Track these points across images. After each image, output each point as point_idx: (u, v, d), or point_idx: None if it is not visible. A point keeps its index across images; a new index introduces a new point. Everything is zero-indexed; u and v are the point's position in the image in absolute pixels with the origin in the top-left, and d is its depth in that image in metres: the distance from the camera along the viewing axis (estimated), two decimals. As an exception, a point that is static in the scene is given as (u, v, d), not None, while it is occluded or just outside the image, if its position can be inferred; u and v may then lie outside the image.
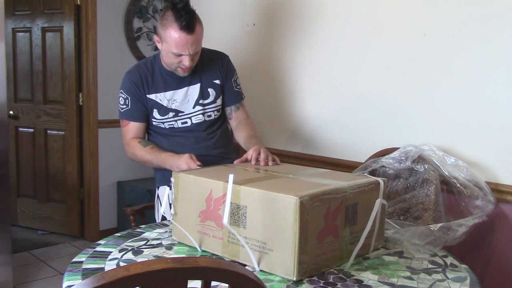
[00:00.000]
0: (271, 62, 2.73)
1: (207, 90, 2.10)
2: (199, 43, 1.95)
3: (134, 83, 2.05)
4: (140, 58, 4.17)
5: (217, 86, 2.12)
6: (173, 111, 2.06)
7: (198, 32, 1.92)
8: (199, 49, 1.97)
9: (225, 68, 2.15)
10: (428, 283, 1.32)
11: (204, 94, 2.09)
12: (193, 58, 1.97)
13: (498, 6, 1.91)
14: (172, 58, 1.96)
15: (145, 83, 2.05)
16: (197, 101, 2.08)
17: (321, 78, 2.50)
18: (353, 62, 2.38)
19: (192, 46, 1.92)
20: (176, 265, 0.83)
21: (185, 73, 2.03)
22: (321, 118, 2.51)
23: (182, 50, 1.91)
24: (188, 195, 1.52)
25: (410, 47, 2.17)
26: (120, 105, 2.08)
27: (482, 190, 1.87)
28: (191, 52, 1.92)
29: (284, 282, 1.28)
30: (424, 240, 1.59)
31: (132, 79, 2.06)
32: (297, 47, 2.60)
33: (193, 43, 1.91)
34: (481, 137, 1.98)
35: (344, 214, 1.39)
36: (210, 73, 2.11)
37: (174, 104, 2.06)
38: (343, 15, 2.40)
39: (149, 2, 4.17)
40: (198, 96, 2.08)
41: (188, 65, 1.95)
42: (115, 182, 4.12)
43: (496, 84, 1.93)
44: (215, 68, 2.13)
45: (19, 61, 4.12)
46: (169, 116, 2.06)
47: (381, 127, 2.29)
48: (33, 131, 4.13)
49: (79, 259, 1.41)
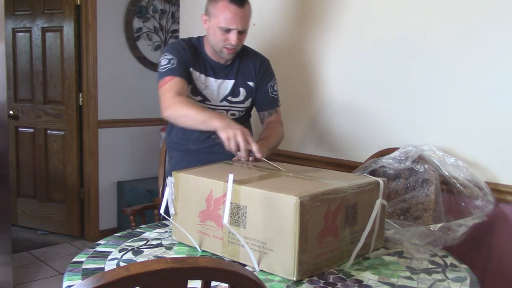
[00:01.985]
0: (271, 62, 2.73)
1: (239, 88, 2.07)
2: (247, 20, 1.94)
3: (183, 48, 2.01)
4: (140, 58, 4.17)
5: (249, 88, 2.09)
6: (202, 96, 2.04)
7: (248, 8, 1.93)
8: (246, 27, 1.95)
9: (262, 72, 2.11)
10: (428, 283, 1.32)
11: (235, 92, 2.07)
12: (240, 37, 1.95)
13: (498, 6, 1.91)
14: (219, 35, 1.93)
15: (190, 55, 2.01)
16: (226, 97, 2.06)
17: (321, 78, 2.50)
18: (353, 62, 2.38)
19: (241, 21, 1.91)
20: (176, 265, 0.83)
21: (230, 55, 1.99)
22: (321, 118, 2.51)
23: (230, 23, 1.90)
24: (188, 195, 1.52)
25: (410, 47, 2.17)
26: (163, 66, 1.96)
27: (482, 190, 1.87)
28: (239, 27, 1.91)
29: (284, 282, 1.28)
30: (424, 240, 1.59)
31: (181, 45, 2.02)
32: (297, 47, 2.60)
33: (242, 17, 1.91)
34: (481, 137, 1.98)
35: (344, 214, 1.39)
36: (246, 73, 2.09)
37: (205, 91, 2.04)
38: (343, 14, 2.40)
39: (149, 2, 4.18)
40: (228, 93, 2.06)
41: (234, 42, 1.92)
42: (115, 182, 4.12)
43: (496, 84, 1.93)
44: (252, 69, 2.10)
45: (19, 61, 4.12)
46: (196, 99, 2.04)
47: (381, 127, 2.29)
48: (33, 131, 4.13)
49: (79, 259, 1.41)
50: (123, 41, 4.07)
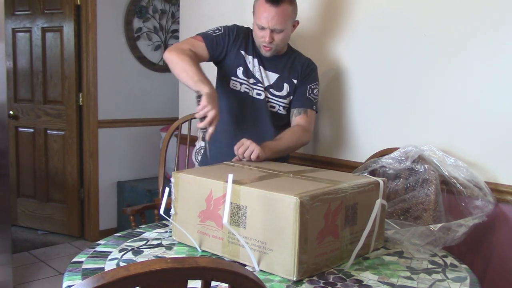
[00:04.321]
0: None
1: (283, 83, 2.11)
2: (282, 20, 1.95)
3: (235, 31, 2.08)
4: (140, 58, 4.17)
5: (293, 85, 2.12)
6: (255, 79, 2.09)
7: (284, 8, 1.94)
8: (280, 26, 1.96)
9: (307, 73, 2.14)
10: (428, 283, 1.32)
11: (279, 86, 2.11)
12: (274, 36, 1.98)
13: (498, 6, 1.91)
14: (257, 31, 2.00)
15: (243, 40, 2.09)
16: (268, 88, 2.10)
17: (321, 79, 2.50)
18: (353, 63, 2.38)
19: (273, 20, 1.93)
20: (176, 265, 0.83)
21: (267, 53, 2.05)
22: (320, 118, 2.51)
23: (263, 21, 1.95)
24: (188, 195, 1.52)
25: (409, 47, 2.17)
26: (208, 30, 2.09)
27: (482, 190, 1.87)
28: (270, 26, 1.94)
29: (284, 282, 1.28)
30: (424, 240, 1.59)
31: (237, 28, 2.11)
32: (296, 48, 2.60)
33: (275, 17, 1.93)
34: (481, 137, 1.98)
35: (344, 214, 1.39)
36: (293, 70, 2.12)
37: (258, 74, 2.08)
38: (343, 14, 2.40)
39: (149, 2, 4.18)
40: (271, 84, 2.10)
41: (267, 40, 1.97)
42: (115, 182, 4.12)
43: (496, 84, 1.93)
44: (299, 69, 2.13)
45: (19, 61, 4.12)
46: (250, 82, 2.09)
47: (381, 127, 2.29)
48: (33, 131, 4.13)
49: (79, 259, 1.41)
50: (123, 41, 4.07)
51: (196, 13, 3.04)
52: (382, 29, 2.26)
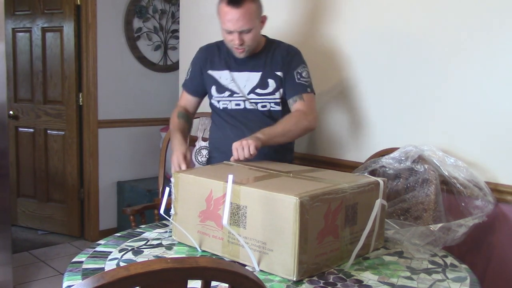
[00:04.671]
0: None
1: (267, 80, 2.04)
2: (247, 20, 1.89)
3: (200, 57, 2.12)
4: (140, 58, 4.17)
5: (278, 78, 2.04)
6: (229, 91, 2.06)
7: (246, 8, 1.87)
8: (247, 27, 1.90)
9: (289, 60, 2.05)
10: (428, 283, 1.32)
11: (264, 83, 2.04)
12: (244, 37, 1.93)
13: (498, 6, 1.91)
14: (225, 36, 1.96)
15: (209, 59, 2.09)
16: (253, 89, 2.05)
17: (320, 79, 2.50)
18: (353, 63, 2.38)
19: (238, 22, 1.88)
20: (176, 265, 0.83)
21: (241, 54, 2.00)
22: (321, 118, 2.51)
23: (229, 25, 1.90)
24: (188, 195, 1.52)
25: (409, 47, 2.17)
26: (186, 74, 2.19)
27: (482, 190, 1.87)
28: (236, 28, 1.89)
29: (284, 282, 1.28)
30: (424, 240, 1.59)
31: (200, 53, 2.15)
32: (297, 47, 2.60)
33: (239, 19, 1.87)
34: (481, 137, 1.98)
35: (344, 214, 1.39)
36: (274, 63, 2.05)
37: (231, 84, 2.06)
38: (341, 14, 2.40)
39: (149, 2, 4.17)
40: (256, 84, 2.04)
41: (237, 43, 1.93)
42: (115, 182, 4.12)
43: (495, 84, 1.93)
44: (280, 59, 2.05)
45: (19, 61, 4.12)
46: (225, 95, 2.07)
47: (381, 127, 2.29)
48: (33, 131, 4.13)
49: (79, 259, 1.41)
50: (123, 41, 4.07)
51: (196, 13, 3.04)
52: (381, 30, 2.26)
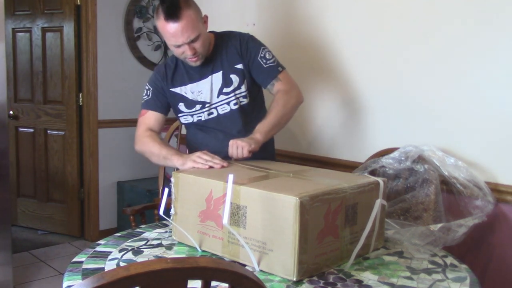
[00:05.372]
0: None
1: (229, 77, 1.98)
2: (192, 29, 1.81)
3: (158, 76, 2.04)
4: (140, 58, 4.17)
5: (240, 71, 1.98)
6: (200, 103, 2.01)
7: (187, 17, 1.78)
8: (194, 35, 1.82)
9: (245, 49, 1.98)
10: (428, 283, 1.32)
11: (227, 81, 1.98)
12: (194, 45, 1.85)
13: (498, 6, 1.91)
14: (175, 50, 1.88)
15: (169, 77, 2.02)
16: (221, 90, 1.99)
17: (320, 79, 2.50)
18: (353, 63, 2.38)
19: (184, 34, 1.79)
20: (176, 265, 0.83)
21: (197, 62, 1.92)
22: (321, 118, 2.51)
23: (174, 41, 1.83)
24: (188, 195, 1.52)
25: (409, 47, 2.17)
26: (142, 97, 2.06)
27: (482, 190, 1.87)
28: (185, 40, 1.82)
29: (284, 282, 1.28)
30: (424, 240, 1.59)
31: (157, 73, 2.05)
32: (296, 47, 2.60)
33: (183, 31, 1.79)
34: (481, 137, 1.98)
35: (344, 214, 1.39)
36: (231, 58, 1.98)
37: (200, 96, 2.00)
38: (341, 14, 2.40)
39: (149, 2, 4.18)
40: (221, 85, 1.98)
41: (190, 53, 1.86)
42: (115, 182, 4.12)
43: (496, 84, 1.93)
44: (234, 51, 1.98)
45: (19, 61, 4.12)
46: (196, 109, 2.01)
47: (381, 127, 2.29)
48: (33, 131, 4.13)
49: (79, 259, 1.41)
50: (123, 41, 4.07)
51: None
52: (381, 30, 2.26)
